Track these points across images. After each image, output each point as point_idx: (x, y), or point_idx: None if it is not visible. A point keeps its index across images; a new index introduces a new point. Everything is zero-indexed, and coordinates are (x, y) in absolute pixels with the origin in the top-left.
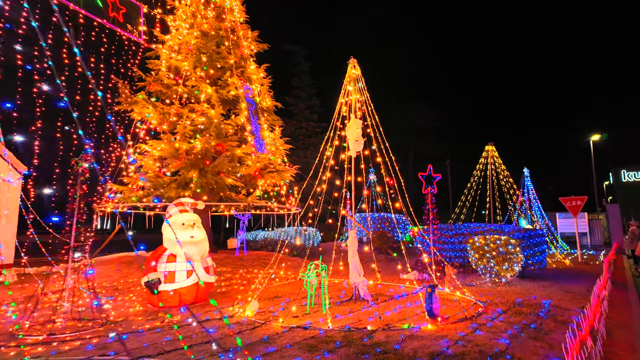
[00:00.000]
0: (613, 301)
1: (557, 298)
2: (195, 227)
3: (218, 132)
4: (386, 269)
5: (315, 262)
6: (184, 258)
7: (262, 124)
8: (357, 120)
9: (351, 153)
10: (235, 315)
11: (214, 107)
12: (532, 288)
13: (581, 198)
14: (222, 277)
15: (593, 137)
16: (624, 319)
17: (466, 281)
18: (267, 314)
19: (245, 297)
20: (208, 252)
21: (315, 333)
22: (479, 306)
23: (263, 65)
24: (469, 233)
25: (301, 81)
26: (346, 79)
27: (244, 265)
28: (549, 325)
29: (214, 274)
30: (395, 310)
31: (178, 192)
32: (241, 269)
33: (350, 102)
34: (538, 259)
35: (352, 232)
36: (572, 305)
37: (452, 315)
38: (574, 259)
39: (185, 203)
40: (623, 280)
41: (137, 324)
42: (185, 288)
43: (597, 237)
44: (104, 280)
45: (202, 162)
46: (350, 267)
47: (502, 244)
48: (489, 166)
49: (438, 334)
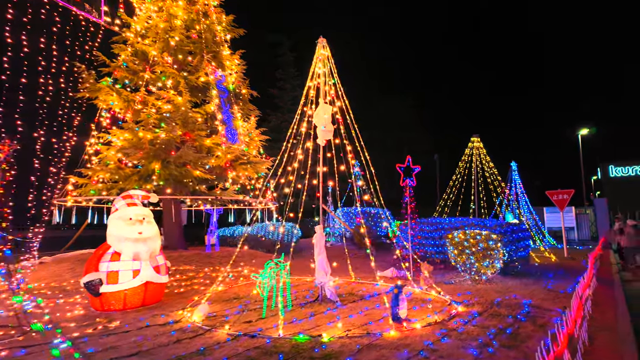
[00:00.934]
0: (598, 299)
1: (538, 297)
2: (145, 222)
3: (185, 121)
4: (364, 265)
5: (273, 260)
6: (130, 256)
7: (235, 112)
8: (325, 105)
9: (319, 141)
10: (182, 320)
11: (182, 94)
12: (514, 286)
13: (568, 191)
14: (185, 276)
15: (582, 131)
16: (609, 320)
17: (445, 279)
18: (218, 318)
19: (203, 299)
20: (160, 250)
21: (262, 342)
22: (453, 307)
23: (238, 52)
24: (450, 228)
25: (285, 73)
26: (315, 60)
27: (212, 263)
28: (527, 330)
29: (167, 273)
30: (361, 312)
31: (139, 184)
32: (208, 267)
33: (319, 85)
34: (521, 255)
35: (319, 228)
36: (554, 306)
37: (422, 318)
38: (560, 254)
39: (134, 195)
40: (609, 277)
41: (67, 331)
42: (131, 289)
43: (584, 232)
44: (54, 281)
45: (165, 153)
46: (316, 265)
47: (482, 239)
48: (474, 158)
49: (400, 342)
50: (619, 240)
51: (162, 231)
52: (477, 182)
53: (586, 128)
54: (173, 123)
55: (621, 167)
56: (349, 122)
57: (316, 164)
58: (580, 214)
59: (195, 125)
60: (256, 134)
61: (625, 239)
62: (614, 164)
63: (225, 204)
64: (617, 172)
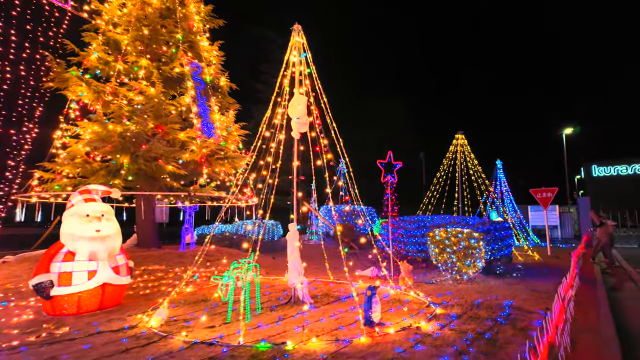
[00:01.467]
0: (580, 300)
1: (520, 298)
2: (103, 219)
3: (157, 113)
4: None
5: (239, 260)
6: (86, 256)
7: (212, 105)
8: (300, 96)
9: (294, 134)
10: (139, 325)
11: (155, 85)
12: (496, 286)
13: (552, 189)
14: (153, 276)
15: (566, 130)
16: (591, 321)
17: (427, 278)
18: (179, 323)
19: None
20: (120, 249)
21: (218, 352)
22: (431, 309)
23: (217, 42)
24: (432, 225)
25: (270, 66)
26: (289, 48)
27: (184, 262)
28: (506, 335)
29: (129, 274)
30: (333, 316)
31: (108, 179)
32: (179, 266)
33: (295, 75)
34: (504, 254)
35: (293, 225)
36: (536, 307)
37: (397, 322)
38: (543, 252)
39: (93, 190)
40: (592, 276)
41: (8, 339)
42: (87, 292)
43: (567, 230)
44: (10, 282)
45: (135, 146)
46: (289, 265)
47: (463, 237)
48: (459, 156)
49: (370, 350)
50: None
51: (135, 229)
52: (461, 179)
53: (570, 127)
54: (145, 115)
55: (604, 167)
56: (326, 115)
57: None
58: (564, 213)
59: (169, 117)
60: (235, 128)
61: (604, 234)
62: (597, 164)
63: (203, 201)
64: (600, 172)
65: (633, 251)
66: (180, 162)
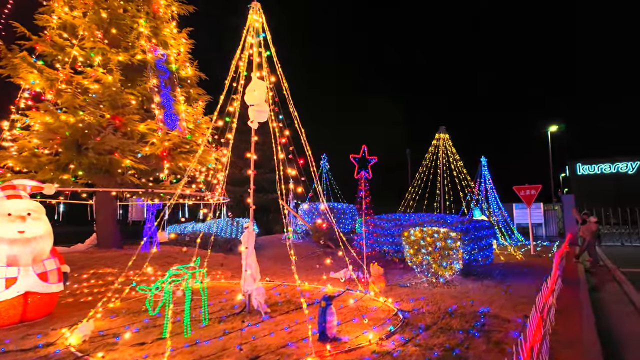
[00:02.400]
0: (562, 305)
1: (498, 304)
2: (30, 218)
3: (114, 103)
4: (316, 265)
5: (176, 266)
6: (3, 261)
7: (177, 96)
8: (259, 81)
9: (252, 124)
10: (57, 342)
11: (112, 72)
12: (473, 290)
13: (535, 187)
14: (101, 281)
15: (551, 127)
16: (573, 330)
17: (402, 280)
18: (107, 338)
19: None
20: (52, 252)
21: None
22: (398, 319)
23: (185, 29)
24: (409, 224)
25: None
26: (246, 27)
27: (139, 265)
28: (478, 351)
29: (61, 280)
30: (287, 328)
31: (57, 175)
32: (134, 269)
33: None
34: (484, 254)
35: (249, 225)
36: (514, 314)
37: (357, 336)
38: (527, 251)
39: (18, 186)
40: (575, 276)
41: None
42: (4, 302)
43: (552, 228)
44: None
45: (86, 138)
46: (243, 270)
47: (440, 237)
48: (441, 152)
49: None
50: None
51: (95, 228)
52: (442, 176)
53: (555, 125)
54: (100, 105)
55: (588, 166)
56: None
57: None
58: (549, 210)
59: (128, 108)
60: (205, 121)
61: (587, 232)
62: (582, 162)
63: (169, 199)
64: (584, 170)
65: (617, 249)
66: (139, 155)
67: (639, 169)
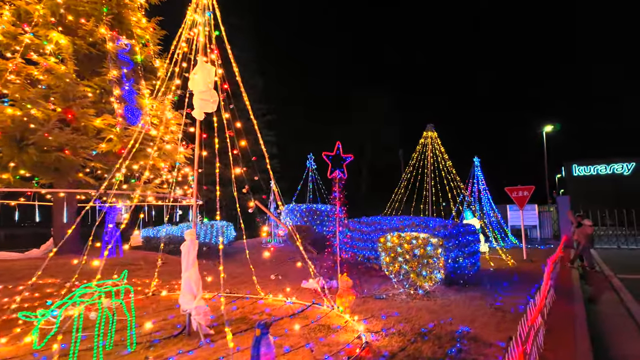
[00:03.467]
0: (554, 323)
1: (480, 321)
2: None
3: (66, 95)
4: (291, 272)
5: (92, 282)
6: None
7: (141, 89)
8: (206, 65)
9: (196, 114)
10: None
11: (65, 61)
12: (455, 302)
13: (528, 188)
14: (38, 293)
15: (546, 128)
16: (565, 357)
17: (378, 292)
18: None
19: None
20: None
21: None
22: (360, 344)
23: (154, 19)
24: (389, 228)
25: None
26: (192, 6)
27: (92, 274)
28: None
29: None
30: (222, 358)
31: None
32: (82, 279)
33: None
34: (470, 261)
35: (190, 233)
36: (497, 335)
37: None
38: (520, 255)
39: None
40: (569, 285)
41: None
42: None
43: (547, 230)
44: None
45: (30, 134)
46: (182, 285)
47: (419, 244)
48: (429, 151)
49: None
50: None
51: (52, 232)
52: (430, 176)
53: (550, 125)
54: (52, 97)
55: (584, 167)
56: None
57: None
58: (544, 212)
59: (83, 101)
60: (173, 117)
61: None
62: (578, 163)
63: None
64: (580, 171)
65: (613, 252)
66: (94, 153)
67: (634, 170)
